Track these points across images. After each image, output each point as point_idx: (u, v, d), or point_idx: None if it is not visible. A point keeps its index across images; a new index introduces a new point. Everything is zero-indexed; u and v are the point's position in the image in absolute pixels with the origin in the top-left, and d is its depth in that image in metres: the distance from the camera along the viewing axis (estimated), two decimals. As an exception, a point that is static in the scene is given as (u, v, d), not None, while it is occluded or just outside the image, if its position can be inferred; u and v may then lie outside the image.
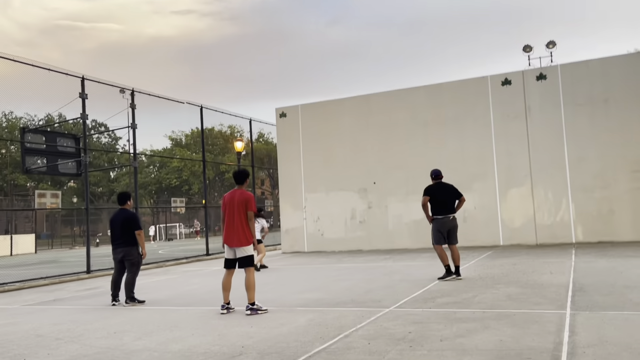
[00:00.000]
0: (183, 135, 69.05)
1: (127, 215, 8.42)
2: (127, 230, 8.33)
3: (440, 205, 9.00)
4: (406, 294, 7.50)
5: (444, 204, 9.02)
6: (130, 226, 8.33)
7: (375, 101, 17.59)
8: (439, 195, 9.05)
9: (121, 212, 8.51)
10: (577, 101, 15.01)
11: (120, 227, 8.36)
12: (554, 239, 14.92)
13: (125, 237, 8.35)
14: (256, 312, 6.63)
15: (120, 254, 8.41)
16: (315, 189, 18.20)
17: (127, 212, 8.53)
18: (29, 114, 62.27)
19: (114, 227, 8.45)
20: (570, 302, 6.23)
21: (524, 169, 15.45)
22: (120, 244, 8.39)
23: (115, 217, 8.51)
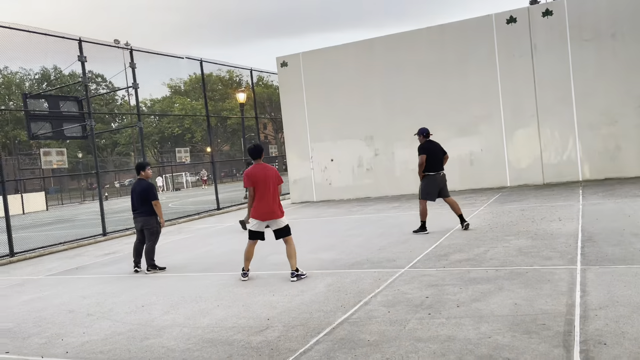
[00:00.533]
0: (182, 83, 68.26)
1: (144, 186, 8.62)
2: (144, 201, 8.55)
3: (434, 163, 9.29)
4: (419, 251, 7.71)
5: (437, 161, 9.34)
6: (147, 197, 8.53)
7: (378, 46, 17.25)
8: (433, 153, 9.31)
9: (139, 182, 8.73)
10: (584, 37, 14.69)
11: (138, 197, 8.60)
12: (560, 178, 15.04)
13: (143, 208, 8.60)
14: (300, 277, 6.83)
15: (139, 224, 8.69)
16: (321, 138, 18.21)
17: (143, 182, 8.71)
18: (24, 69, 61.44)
19: (133, 197, 8.70)
20: (580, 255, 6.41)
21: (530, 108, 15.34)
22: (139, 214, 8.65)
23: (134, 188, 8.74)
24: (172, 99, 66.19)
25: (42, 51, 13.76)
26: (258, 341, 4.62)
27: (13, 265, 11.16)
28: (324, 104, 18.05)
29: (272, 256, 8.66)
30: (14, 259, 11.56)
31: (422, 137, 9.60)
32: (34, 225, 22.25)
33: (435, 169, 9.27)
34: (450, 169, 16.31)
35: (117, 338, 5.17)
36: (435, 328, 4.44)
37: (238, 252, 9.32)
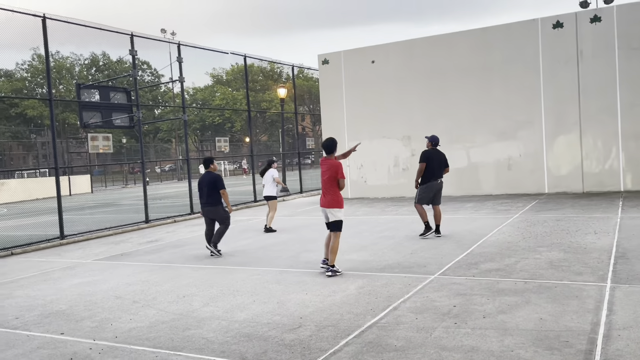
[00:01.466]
0: (224, 73, 69.32)
1: (213, 177, 9.43)
2: (213, 191, 9.33)
3: (433, 171, 9.75)
4: (450, 257, 7.87)
5: (437, 169, 9.79)
6: (216, 186, 9.32)
7: (419, 47, 17.29)
8: (434, 161, 9.77)
9: (207, 174, 9.52)
10: (633, 45, 14.39)
11: (207, 188, 9.38)
12: (601, 187, 14.83)
13: (211, 198, 9.38)
14: (334, 274, 7.24)
15: (209, 214, 9.50)
16: (358, 136, 18.38)
17: (212, 174, 9.52)
18: (75, 54, 63.55)
19: (202, 188, 9.47)
20: (611, 272, 6.47)
21: (573, 116, 15.14)
22: (207, 204, 9.44)
23: (202, 180, 9.52)
24: (214, 88, 67.40)
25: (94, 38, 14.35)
26: (291, 339, 4.92)
27: (63, 247, 11.84)
28: (362, 103, 18.22)
29: (303, 254, 8.97)
30: (64, 241, 12.26)
31: (431, 144, 10.02)
32: (80, 208, 23.27)
33: (435, 177, 9.75)
34: (486, 173, 16.36)
35: (161, 327, 5.57)
36: (461, 338, 4.64)
37: (273, 247, 9.69)
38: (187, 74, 16.00)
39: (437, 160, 9.78)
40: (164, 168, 67.77)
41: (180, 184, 42.19)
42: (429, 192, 9.76)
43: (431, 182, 9.73)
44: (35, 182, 37.60)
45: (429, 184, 9.74)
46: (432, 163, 9.73)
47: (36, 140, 64.98)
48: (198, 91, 66.59)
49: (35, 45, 52.92)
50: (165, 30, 51.72)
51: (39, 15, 12.11)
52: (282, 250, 9.51)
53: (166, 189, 35.69)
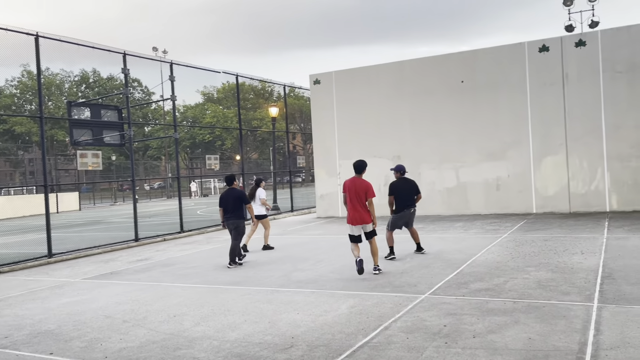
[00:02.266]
0: (215, 90, 69.59)
1: (237, 193, 10.27)
2: (238, 206, 10.14)
3: (403, 200, 9.78)
4: (440, 277, 7.94)
5: (407, 199, 9.82)
6: (241, 201, 10.19)
7: (409, 68, 17.56)
8: (403, 191, 9.81)
9: (231, 190, 10.28)
10: (617, 69, 14.73)
11: (232, 203, 10.12)
12: (588, 208, 15.03)
13: (236, 212, 10.15)
14: (379, 271, 8.41)
15: (233, 225, 10.19)
16: (349, 155, 18.51)
17: (236, 190, 10.31)
18: (65, 70, 63.50)
19: (227, 203, 10.18)
20: (598, 292, 6.56)
21: (559, 137, 15.41)
22: (232, 217, 10.17)
23: (226, 195, 10.25)
24: (204, 105, 67.56)
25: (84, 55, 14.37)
26: (283, 359, 4.93)
27: (51, 265, 11.74)
28: (353, 122, 18.40)
29: (294, 274, 8.99)
30: (52, 259, 12.16)
31: (399, 174, 9.99)
32: (68, 226, 23.07)
33: (407, 206, 9.79)
34: (475, 193, 16.52)
35: (151, 346, 5.55)
36: (451, 357, 4.69)
37: (264, 266, 9.69)
38: (178, 91, 16.11)
39: (406, 190, 9.81)
40: (153, 185, 67.43)
41: (169, 202, 42.03)
42: (400, 220, 9.85)
43: (404, 211, 9.78)
44: (22, 199, 37.26)
45: (401, 214, 9.80)
46: (401, 193, 9.78)
47: (24, 156, 64.55)
48: (189, 109, 66.74)
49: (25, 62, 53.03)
50: (156, 49, 52.00)
51: (32, 33, 12.17)
52: (272, 269, 9.53)
53: (155, 206, 35.51)
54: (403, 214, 9.78)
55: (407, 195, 9.80)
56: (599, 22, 29.02)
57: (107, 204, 46.33)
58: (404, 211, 9.77)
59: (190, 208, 30.03)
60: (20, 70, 58.68)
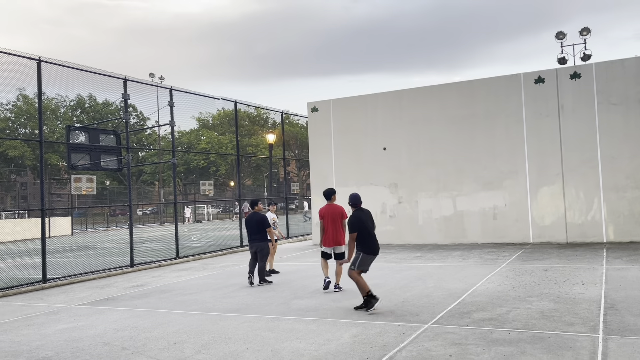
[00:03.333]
0: (210, 117, 69.92)
1: (259, 217, 10.88)
2: (260, 229, 10.77)
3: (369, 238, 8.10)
4: (442, 306, 7.88)
5: (372, 235, 8.18)
6: (263, 225, 10.80)
7: (407, 97, 17.76)
8: (365, 228, 8.08)
9: (254, 214, 10.94)
10: (612, 100, 14.97)
11: (255, 226, 10.78)
12: (584, 238, 15.07)
13: (259, 235, 10.78)
14: (340, 289, 9.37)
15: (254, 248, 10.80)
16: (346, 182, 18.56)
17: (258, 214, 10.94)
18: (60, 95, 63.66)
19: (250, 226, 10.83)
20: (602, 323, 6.54)
21: (555, 167, 15.53)
22: (255, 240, 10.80)
23: (250, 219, 10.90)
24: (199, 131, 67.76)
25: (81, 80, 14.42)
26: (288, 388, 4.85)
27: (46, 291, 11.56)
28: (350, 150, 18.49)
29: (294, 301, 8.90)
30: (46, 285, 11.98)
31: (353, 207, 8.32)
32: (61, 251, 22.80)
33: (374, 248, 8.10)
34: (472, 222, 16.54)
35: (153, 375, 5.44)
36: (459, 388, 4.62)
37: (263, 293, 9.59)
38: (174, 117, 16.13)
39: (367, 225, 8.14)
40: (145, 211, 67.03)
41: (163, 227, 41.73)
42: (368, 262, 8.15)
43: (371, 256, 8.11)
44: (13, 223, 36.85)
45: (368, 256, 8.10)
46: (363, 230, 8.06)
47: (16, 180, 64.14)
48: (183, 134, 66.87)
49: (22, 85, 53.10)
50: (153, 75, 52.40)
51: (35, 58, 12.24)
52: (272, 297, 9.43)
53: (149, 232, 35.20)
54: (372, 258, 8.14)
55: (369, 230, 8.12)
56: (591, 55, 29.64)
57: (100, 229, 45.92)
58: (372, 256, 8.12)
59: (185, 234, 29.80)
60: (16, 94, 58.76)
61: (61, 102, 64.90)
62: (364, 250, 8.06)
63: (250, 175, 67.90)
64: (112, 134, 16.38)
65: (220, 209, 67.27)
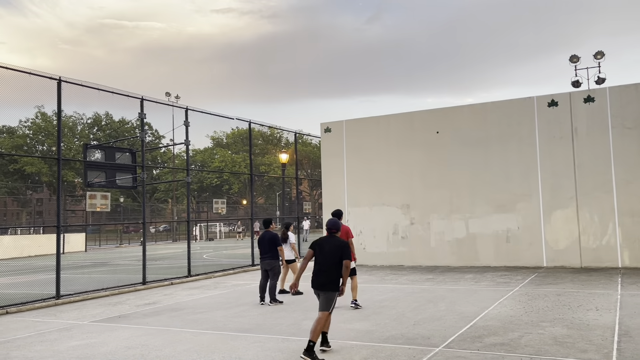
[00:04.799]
0: (224, 135, 70.60)
1: (272, 235, 11.08)
2: (272, 247, 10.95)
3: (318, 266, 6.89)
4: (454, 330, 7.83)
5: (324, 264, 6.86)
6: (275, 243, 10.97)
7: (419, 119, 17.84)
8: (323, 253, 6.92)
9: (267, 232, 11.14)
10: (626, 125, 14.91)
11: (267, 244, 10.95)
12: (599, 263, 14.89)
13: (271, 253, 10.95)
14: (357, 306, 9.76)
15: (266, 266, 10.93)
16: (359, 203, 18.60)
17: (271, 232, 11.13)
18: (78, 113, 64.75)
19: (263, 244, 10.98)
20: (616, 350, 6.45)
21: (569, 191, 15.44)
22: (267, 258, 10.95)
23: (263, 237, 11.07)
24: (213, 150, 68.38)
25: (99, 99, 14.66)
26: (298, 410, 4.84)
27: (59, 307, 11.66)
28: (363, 171, 18.56)
29: (304, 322, 8.89)
30: (59, 301, 12.09)
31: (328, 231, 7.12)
32: (75, 267, 23.00)
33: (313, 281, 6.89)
34: (485, 244, 16.44)
35: (163, 394, 5.47)
36: (470, 414, 4.59)
37: (273, 314, 9.60)
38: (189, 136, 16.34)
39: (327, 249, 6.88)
40: (158, 228, 67.37)
41: (176, 245, 41.90)
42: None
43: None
44: (28, 239, 37.26)
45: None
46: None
47: (32, 196, 64.95)
48: (197, 153, 67.47)
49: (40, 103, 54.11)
50: (169, 94, 53.10)
51: (55, 78, 12.54)
52: (282, 317, 9.43)
53: (162, 249, 35.39)
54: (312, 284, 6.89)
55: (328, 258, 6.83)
56: (605, 78, 29.58)
57: (113, 246, 46.23)
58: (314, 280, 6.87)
59: (197, 252, 29.89)
60: (35, 111, 59.89)
61: (78, 120, 65.97)
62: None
63: (263, 194, 68.12)
64: (128, 152, 16.61)
65: (232, 227, 67.39)
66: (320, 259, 6.79)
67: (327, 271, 6.67)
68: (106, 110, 66.32)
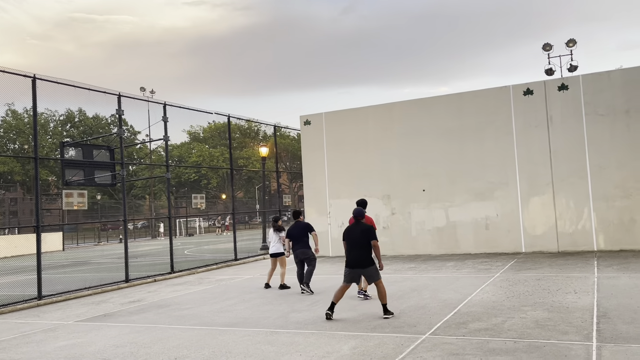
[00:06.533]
0: (201, 130, 70.00)
1: (303, 225, 11.40)
2: (304, 235, 11.23)
3: (351, 248, 8.42)
4: (439, 317, 8.00)
5: (356, 246, 8.40)
6: (306, 231, 11.28)
7: (398, 110, 17.99)
8: (353, 238, 8.43)
9: (297, 223, 11.42)
10: (599, 112, 15.28)
11: (299, 233, 11.22)
12: (575, 247, 15.28)
13: (304, 241, 11.19)
14: (366, 297, 9.71)
15: (300, 255, 11.15)
16: (339, 195, 18.71)
17: (301, 223, 11.45)
18: (50, 110, 63.47)
19: (294, 235, 11.25)
20: (595, 331, 6.68)
21: (545, 177, 15.78)
22: (299, 247, 11.17)
23: (294, 227, 11.34)
24: (190, 145, 67.76)
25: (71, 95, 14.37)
26: (291, 401, 4.93)
27: (42, 308, 11.54)
28: (343, 162, 18.66)
29: (292, 314, 8.98)
30: (41, 301, 11.96)
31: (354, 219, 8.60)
32: (54, 267, 22.68)
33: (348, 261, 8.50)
34: (465, 232, 16.72)
35: (156, 390, 5.50)
36: (459, 398, 4.73)
37: (260, 307, 9.66)
38: (163, 130, 16.19)
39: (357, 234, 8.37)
40: (136, 225, 66.65)
41: (155, 242, 41.58)
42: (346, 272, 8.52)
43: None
44: (3, 239, 36.55)
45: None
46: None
47: (5, 196, 63.57)
48: (174, 148, 66.81)
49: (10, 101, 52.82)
50: (144, 88, 52.43)
51: (29, 75, 12.31)
52: (269, 310, 9.50)
53: (142, 246, 35.07)
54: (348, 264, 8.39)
55: (358, 241, 8.34)
56: (578, 65, 30.18)
57: (91, 244, 45.66)
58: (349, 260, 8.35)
59: (178, 248, 29.70)
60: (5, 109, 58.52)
61: (50, 117, 64.68)
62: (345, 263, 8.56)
63: (242, 188, 67.88)
64: (106, 149, 16.42)
65: (212, 222, 67.04)
66: (351, 243, 8.23)
67: (359, 252, 8.16)
68: (79, 107, 65.13)
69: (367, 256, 8.23)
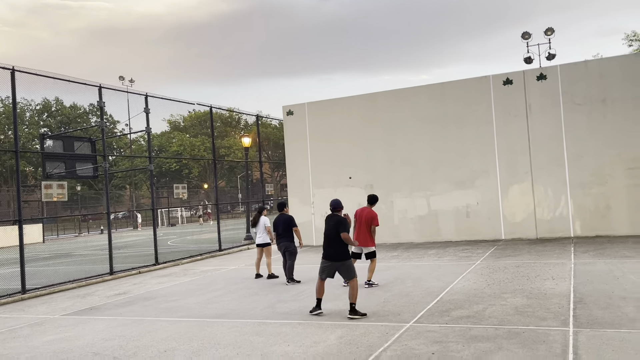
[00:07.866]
0: (181, 119, 69.40)
1: (287, 218, 11.45)
2: (287, 229, 11.30)
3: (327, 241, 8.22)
4: (422, 305, 8.21)
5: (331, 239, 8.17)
6: (289, 225, 11.32)
7: (381, 100, 18.12)
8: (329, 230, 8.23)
9: (282, 215, 11.48)
10: (576, 101, 15.60)
11: (282, 226, 11.30)
12: (553, 234, 15.67)
13: (286, 234, 11.30)
14: (371, 285, 9.95)
15: (283, 247, 11.26)
16: (323, 184, 18.85)
17: (285, 215, 11.50)
18: (26, 99, 62.27)
19: (278, 226, 11.37)
20: (572, 317, 6.95)
21: (524, 166, 16.10)
22: (283, 239, 11.29)
23: (278, 219, 11.43)
24: (170, 134, 67.16)
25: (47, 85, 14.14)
26: (282, 391, 5.07)
27: (25, 302, 11.50)
28: (326, 152, 18.77)
29: (278, 305, 9.12)
30: (25, 295, 11.91)
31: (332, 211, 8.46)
32: (36, 259, 22.48)
33: (324, 253, 8.34)
34: (446, 220, 17.00)
35: (148, 383, 5.60)
36: (443, 384, 4.93)
37: (246, 298, 9.78)
38: (143, 120, 16.09)
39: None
40: (117, 215, 66.10)
41: (137, 233, 41.31)
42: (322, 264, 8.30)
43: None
44: (-19, 232, 35.96)
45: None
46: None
47: (-18, 188, 62.39)
48: (155, 137, 66.14)
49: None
50: (123, 78, 51.70)
51: (8, 67, 12.14)
52: (256, 301, 9.62)
53: (124, 237, 34.85)
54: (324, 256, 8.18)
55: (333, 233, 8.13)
56: (556, 54, 30.62)
57: (71, 235, 45.18)
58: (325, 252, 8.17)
59: (161, 238, 29.57)
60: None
61: (27, 106, 63.48)
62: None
63: (224, 177, 67.61)
64: (87, 141, 16.28)
65: (194, 212, 66.76)
66: (325, 235, 8.18)
67: (332, 244, 8.07)
68: (56, 96, 63.97)
69: (342, 251, 7.98)
